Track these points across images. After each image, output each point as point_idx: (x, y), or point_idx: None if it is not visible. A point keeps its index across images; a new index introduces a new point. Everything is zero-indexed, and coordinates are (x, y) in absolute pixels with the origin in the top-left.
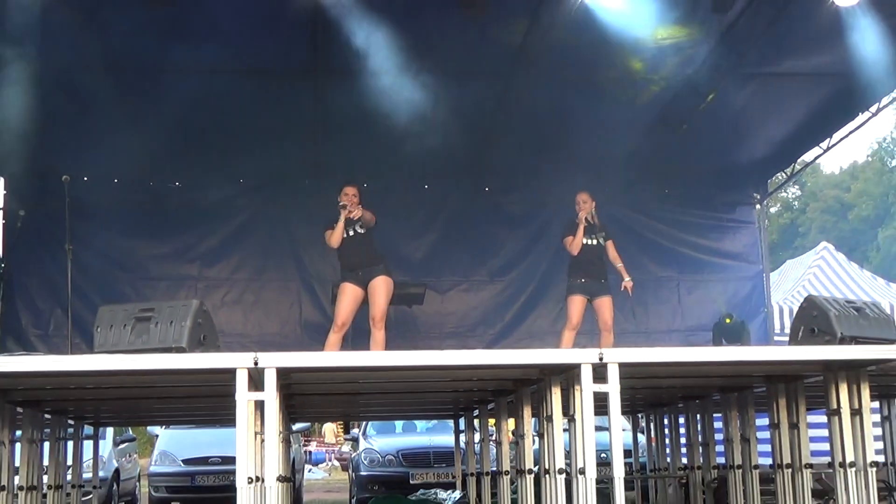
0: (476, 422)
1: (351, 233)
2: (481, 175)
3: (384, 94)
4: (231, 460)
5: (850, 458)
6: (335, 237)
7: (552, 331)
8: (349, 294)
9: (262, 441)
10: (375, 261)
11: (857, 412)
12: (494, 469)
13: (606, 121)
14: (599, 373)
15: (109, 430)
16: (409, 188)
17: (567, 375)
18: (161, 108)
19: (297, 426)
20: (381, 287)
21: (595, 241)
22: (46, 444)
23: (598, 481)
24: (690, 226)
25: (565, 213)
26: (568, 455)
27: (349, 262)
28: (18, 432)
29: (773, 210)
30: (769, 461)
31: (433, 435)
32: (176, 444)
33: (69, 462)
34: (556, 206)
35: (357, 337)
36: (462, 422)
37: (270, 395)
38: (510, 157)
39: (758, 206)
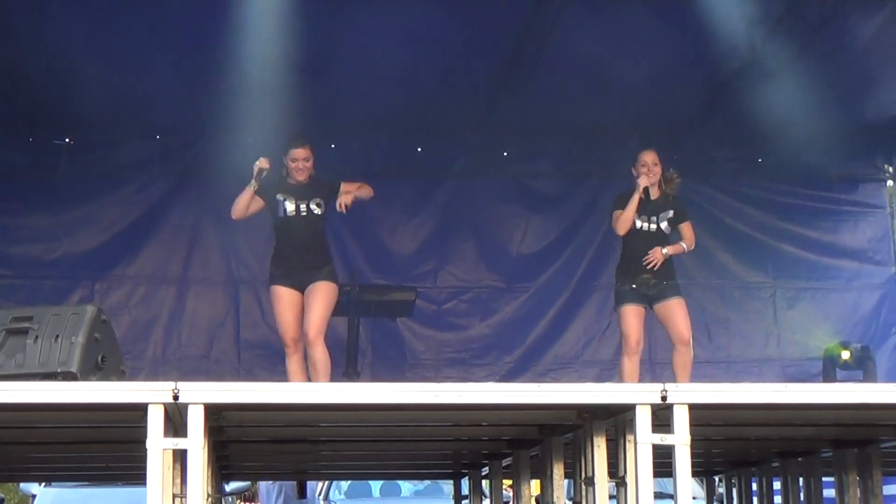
0: (485, 484)
1: (303, 211)
2: (497, 134)
3: (363, 15)
4: None
5: None
6: (237, 208)
7: (595, 359)
8: (286, 301)
9: None
10: (321, 260)
11: None
12: None
13: (676, 60)
14: (662, 417)
15: None
16: (394, 152)
17: (616, 421)
18: (47, 32)
19: (231, 486)
20: (323, 294)
21: (653, 227)
22: None
23: None
24: (792, 210)
25: (616, 189)
26: None
27: (284, 256)
28: None
29: None
30: None
31: (424, 501)
32: None
33: None
34: (604, 180)
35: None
36: (465, 483)
37: (195, 442)
38: (538, 108)
39: (890, 184)
